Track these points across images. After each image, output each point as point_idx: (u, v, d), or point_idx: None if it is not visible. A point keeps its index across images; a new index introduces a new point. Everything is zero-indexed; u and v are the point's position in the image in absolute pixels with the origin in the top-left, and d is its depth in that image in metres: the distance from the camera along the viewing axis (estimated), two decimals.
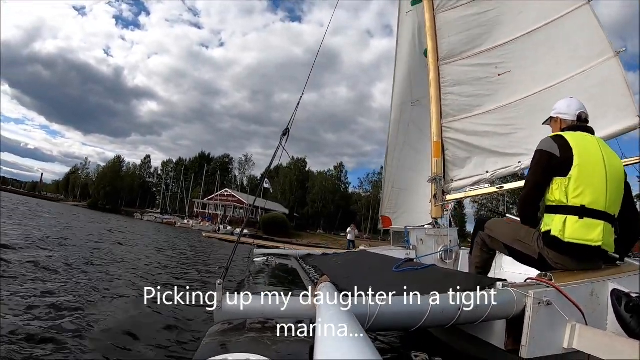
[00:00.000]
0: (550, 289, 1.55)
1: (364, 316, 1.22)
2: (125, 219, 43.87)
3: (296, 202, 69.57)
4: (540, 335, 1.46)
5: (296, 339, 1.16)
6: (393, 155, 5.50)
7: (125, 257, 9.30)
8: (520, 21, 4.09)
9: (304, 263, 3.28)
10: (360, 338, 0.68)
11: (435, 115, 4.46)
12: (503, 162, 4.08)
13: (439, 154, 4.41)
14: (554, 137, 2.04)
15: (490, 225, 2.38)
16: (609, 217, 1.90)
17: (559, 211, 1.93)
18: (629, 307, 1.52)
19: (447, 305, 1.35)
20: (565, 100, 2.32)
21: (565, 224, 1.89)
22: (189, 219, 55.17)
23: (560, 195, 1.92)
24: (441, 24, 4.54)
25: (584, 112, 2.23)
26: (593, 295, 1.71)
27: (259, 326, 1.27)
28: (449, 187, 4.39)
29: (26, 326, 3.38)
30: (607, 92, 3.53)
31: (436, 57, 4.51)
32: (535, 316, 1.45)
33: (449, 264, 3.84)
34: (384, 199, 5.57)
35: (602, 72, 3.60)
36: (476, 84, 4.32)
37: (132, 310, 4.37)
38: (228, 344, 1.13)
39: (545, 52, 3.95)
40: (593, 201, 1.87)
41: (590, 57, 3.68)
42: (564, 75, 3.80)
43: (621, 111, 3.46)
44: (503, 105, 4.16)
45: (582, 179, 1.88)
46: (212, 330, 1.27)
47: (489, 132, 4.22)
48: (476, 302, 1.39)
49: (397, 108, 5.51)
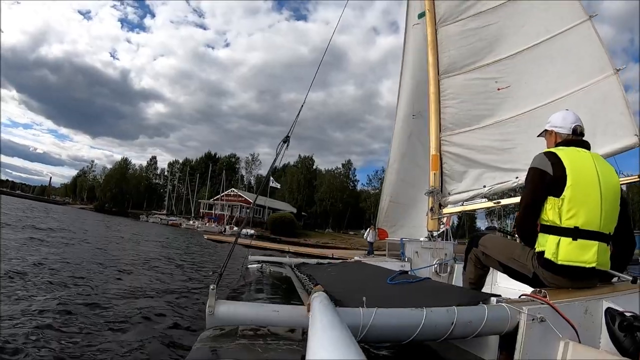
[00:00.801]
0: (544, 305, 1.55)
1: (357, 327, 1.21)
2: (127, 222, 43.27)
3: (304, 201, 68.69)
4: (533, 351, 1.45)
5: (288, 347, 1.16)
6: (393, 167, 5.50)
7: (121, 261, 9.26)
8: (521, 36, 4.11)
9: (298, 271, 3.26)
10: (352, 349, 0.67)
11: (435, 128, 4.47)
12: (500, 177, 4.09)
13: (437, 167, 4.42)
14: (547, 154, 1.99)
15: (485, 242, 2.35)
16: (603, 237, 1.88)
17: (553, 232, 1.90)
18: (623, 326, 1.51)
19: (440, 319, 1.34)
20: (561, 113, 2.24)
21: (559, 246, 1.85)
22: (194, 220, 54.78)
23: (554, 216, 1.89)
24: (442, 38, 4.57)
25: (579, 125, 2.16)
26: (587, 313, 1.70)
27: (250, 333, 1.26)
28: (446, 201, 4.39)
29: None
30: (607, 109, 3.53)
31: (436, 71, 4.54)
32: (529, 332, 1.44)
33: (443, 277, 3.83)
34: (381, 211, 5.56)
35: (602, 89, 3.60)
36: (476, 98, 4.33)
37: (123, 315, 4.34)
38: (219, 350, 1.12)
39: (546, 67, 3.95)
40: (587, 222, 1.84)
41: (591, 73, 3.68)
42: (564, 91, 3.80)
43: (620, 129, 3.45)
44: (502, 120, 4.17)
45: (575, 199, 1.85)
46: (204, 335, 1.26)
47: (487, 146, 4.22)
48: (470, 317, 1.38)
49: (399, 120, 5.52)
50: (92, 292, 5.27)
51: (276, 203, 62.12)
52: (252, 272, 3.17)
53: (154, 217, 60.84)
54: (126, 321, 4.06)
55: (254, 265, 3.39)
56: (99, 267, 7.65)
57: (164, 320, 4.21)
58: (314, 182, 71.23)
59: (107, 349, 3.25)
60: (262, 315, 1.35)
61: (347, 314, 1.23)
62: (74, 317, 4.01)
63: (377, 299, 1.78)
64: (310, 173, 73.20)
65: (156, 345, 3.48)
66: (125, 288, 5.84)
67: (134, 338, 3.56)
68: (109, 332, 3.65)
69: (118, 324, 3.92)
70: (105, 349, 3.23)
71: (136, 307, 4.69)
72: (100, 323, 3.89)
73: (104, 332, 3.65)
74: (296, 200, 68.15)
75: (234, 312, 1.35)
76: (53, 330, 3.56)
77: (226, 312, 1.33)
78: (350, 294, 1.99)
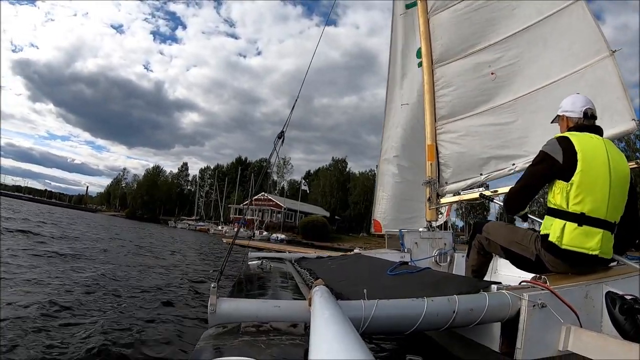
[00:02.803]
0: (544, 291, 1.55)
1: (359, 319, 1.21)
2: (154, 227, 42.97)
3: (337, 204, 67.32)
4: (535, 337, 1.45)
5: (290, 342, 1.16)
6: (384, 157, 5.45)
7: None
8: (513, 18, 4.01)
9: (299, 266, 3.27)
10: (355, 341, 0.67)
11: (430, 118, 4.45)
12: (497, 165, 4.06)
13: (434, 157, 4.40)
14: (559, 139, 1.97)
15: (488, 228, 2.37)
16: (609, 225, 1.88)
17: (559, 216, 1.91)
18: (623, 309, 1.52)
19: (441, 308, 1.35)
20: (571, 97, 2.23)
21: (564, 231, 1.86)
22: (223, 225, 54.26)
23: (561, 200, 1.89)
24: (435, 26, 4.52)
25: (590, 108, 2.13)
26: (587, 297, 1.71)
27: (253, 329, 1.26)
28: (443, 190, 4.38)
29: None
30: (603, 93, 3.40)
31: (430, 60, 4.50)
32: (530, 319, 1.45)
33: (443, 267, 3.83)
34: (375, 202, 5.55)
35: (597, 71, 3.50)
36: (469, 85, 4.28)
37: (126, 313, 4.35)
38: (222, 347, 1.12)
39: (539, 50, 3.87)
40: (594, 209, 1.84)
41: (585, 55, 3.57)
42: (558, 75, 3.71)
43: (617, 114, 3.36)
44: (496, 105, 4.11)
45: (584, 185, 1.84)
46: (207, 333, 1.26)
47: (482, 133, 4.19)
48: (471, 305, 1.39)
49: (389, 111, 5.46)
50: (91, 292, 5.26)
51: (308, 207, 61.26)
52: (253, 268, 3.17)
53: (182, 222, 61.03)
54: (127, 322, 4.06)
55: (254, 261, 3.39)
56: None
57: (167, 321, 4.22)
58: (348, 185, 69.35)
59: (108, 350, 3.25)
60: (264, 311, 1.35)
61: (348, 307, 1.23)
62: (74, 317, 4.01)
63: (378, 291, 1.78)
64: (343, 176, 71.44)
65: (159, 346, 3.49)
66: (126, 288, 5.84)
67: (135, 339, 3.57)
68: (110, 333, 3.65)
69: (119, 325, 3.92)
70: (106, 350, 3.24)
71: (138, 308, 4.70)
72: (100, 323, 3.89)
73: (105, 332, 3.65)
74: (329, 203, 66.90)
75: (236, 309, 1.35)
76: (52, 328, 3.56)
77: (228, 309, 1.33)
78: (351, 287, 1.99)
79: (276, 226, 49.99)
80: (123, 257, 10.35)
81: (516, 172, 3.89)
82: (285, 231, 46.44)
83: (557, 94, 3.47)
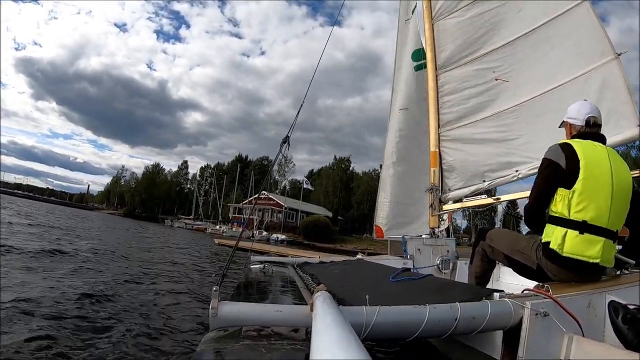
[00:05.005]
0: (547, 300, 1.54)
1: (360, 325, 1.21)
2: (150, 226, 42.28)
3: (340, 204, 65.46)
4: (537, 346, 1.45)
5: (292, 347, 1.16)
6: (387, 163, 5.41)
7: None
8: (518, 21, 3.98)
9: (301, 271, 3.26)
10: (356, 347, 0.67)
11: (434, 124, 4.44)
12: (500, 171, 4.03)
13: (437, 163, 4.38)
14: (562, 146, 1.98)
15: (491, 235, 2.38)
16: (610, 234, 1.87)
17: (560, 223, 1.90)
18: (626, 318, 1.51)
19: (443, 315, 1.34)
20: (577, 104, 2.21)
21: (565, 238, 1.86)
22: (221, 224, 53.39)
23: (563, 208, 1.89)
24: (439, 32, 4.53)
25: (593, 116, 2.11)
26: (590, 306, 1.70)
27: (254, 334, 1.26)
28: (446, 197, 4.37)
29: None
30: (608, 97, 3.34)
31: (434, 66, 4.51)
32: (532, 327, 1.44)
33: (446, 275, 3.82)
34: (376, 207, 5.52)
35: (602, 75, 3.43)
36: (473, 90, 4.26)
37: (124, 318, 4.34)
38: (223, 351, 1.12)
39: (543, 54, 3.83)
40: (595, 217, 1.84)
41: (590, 59, 3.51)
42: (563, 79, 3.66)
43: (623, 119, 3.28)
44: (500, 111, 4.08)
45: (586, 193, 1.84)
46: (208, 337, 1.26)
47: (486, 139, 4.16)
48: (473, 313, 1.38)
49: (394, 116, 5.42)
50: (92, 292, 5.27)
51: (311, 206, 60.14)
52: (255, 272, 3.16)
53: (179, 222, 59.93)
54: (128, 324, 4.06)
55: (257, 265, 3.38)
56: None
57: (167, 324, 4.21)
58: (351, 185, 67.23)
59: (109, 351, 3.25)
60: (266, 316, 1.35)
61: (350, 313, 1.23)
62: (75, 318, 4.02)
63: (380, 297, 1.78)
64: (346, 175, 69.31)
65: (159, 349, 3.49)
66: (125, 289, 5.85)
67: (137, 341, 3.57)
68: (110, 334, 3.65)
69: (119, 326, 3.92)
70: (108, 352, 3.24)
71: (138, 311, 4.70)
72: (101, 325, 3.89)
73: (106, 334, 3.66)
74: (332, 203, 65.17)
75: (237, 312, 1.35)
76: (50, 330, 3.56)
77: (229, 313, 1.33)
78: (353, 293, 1.99)
79: (277, 226, 48.86)
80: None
81: (519, 179, 3.87)
82: (286, 231, 45.44)
83: (562, 98, 3.45)
